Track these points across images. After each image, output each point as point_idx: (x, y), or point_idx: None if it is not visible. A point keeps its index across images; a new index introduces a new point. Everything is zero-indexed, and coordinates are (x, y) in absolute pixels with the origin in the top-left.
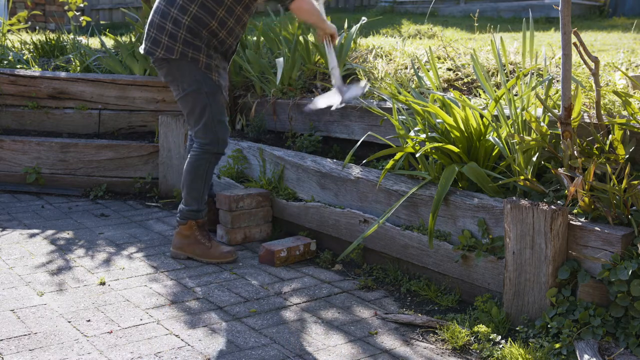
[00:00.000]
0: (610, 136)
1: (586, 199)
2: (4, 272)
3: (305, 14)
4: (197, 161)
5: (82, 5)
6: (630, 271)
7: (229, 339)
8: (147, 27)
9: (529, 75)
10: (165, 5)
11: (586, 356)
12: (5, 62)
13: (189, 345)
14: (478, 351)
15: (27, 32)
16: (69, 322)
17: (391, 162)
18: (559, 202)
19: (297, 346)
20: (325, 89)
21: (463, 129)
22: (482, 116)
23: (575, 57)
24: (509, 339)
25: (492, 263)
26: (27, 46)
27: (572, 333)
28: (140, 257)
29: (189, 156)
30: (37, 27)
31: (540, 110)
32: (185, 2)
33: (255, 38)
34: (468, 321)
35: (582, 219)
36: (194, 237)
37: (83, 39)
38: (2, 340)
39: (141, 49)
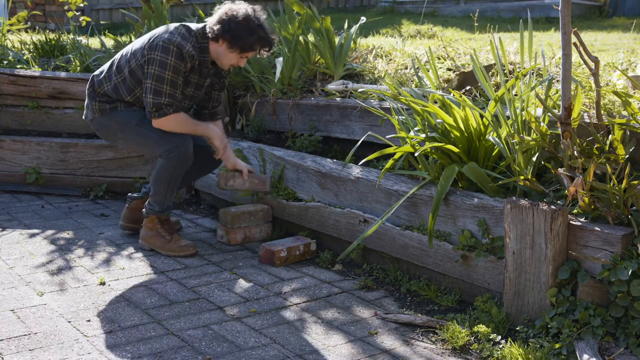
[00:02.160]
0: (610, 136)
1: (586, 199)
2: (4, 272)
3: (167, 130)
4: (161, 168)
5: (82, 5)
6: (630, 271)
7: (229, 339)
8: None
9: (528, 75)
10: (94, 76)
11: (586, 356)
12: (5, 62)
13: (189, 345)
14: (478, 351)
15: (27, 32)
16: (69, 322)
17: (390, 161)
18: (559, 202)
19: (297, 346)
20: (324, 90)
21: (463, 129)
22: (482, 116)
23: (575, 57)
24: (509, 339)
25: (492, 263)
26: (27, 46)
27: (572, 333)
28: (140, 257)
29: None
30: (37, 27)
31: (540, 110)
32: (106, 74)
33: None
34: (468, 321)
35: (582, 219)
36: (155, 230)
37: (83, 39)
38: (2, 340)
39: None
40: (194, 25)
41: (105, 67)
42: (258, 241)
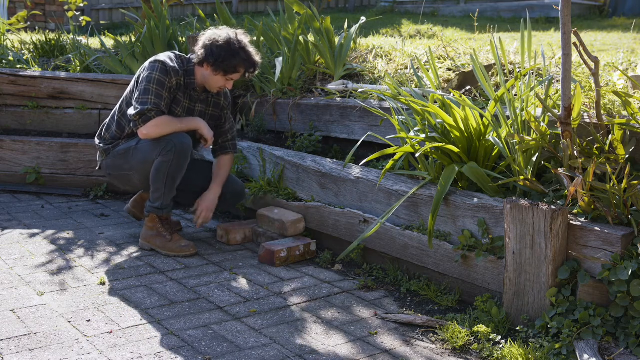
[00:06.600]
0: (610, 136)
1: (586, 199)
2: (4, 272)
3: (154, 135)
4: (159, 164)
5: (82, 5)
6: (630, 271)
7: (229, 339)
8: None
9: (528, 75)
10: (101, 127)
11: (586, 356)
12: (5, 62)
13: (189, 345)
14: (478, 351)
15: (26, 32)
16: (69, 322)
17: (391, 162)
18: (559, 202)
19: (297, 346)
20: (324, 89)
21: (463, 129)
22: (482, 116)
23: (575, 57)
24: (509, 339)
25: (492, 263)
26: (27, 46)
27: (572, 333)
28: (140, 257)
29: None
30: (37, 27)
31: (540, 110)
32: (110, 119)
33: (255, 38)
34: (468, 321)
35: (582, 219)
36: (156, 230)
37: (83, 39)
38: (2, 340)
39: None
40: (180, 53)
41: (107, 118)
42: (258, 241)
